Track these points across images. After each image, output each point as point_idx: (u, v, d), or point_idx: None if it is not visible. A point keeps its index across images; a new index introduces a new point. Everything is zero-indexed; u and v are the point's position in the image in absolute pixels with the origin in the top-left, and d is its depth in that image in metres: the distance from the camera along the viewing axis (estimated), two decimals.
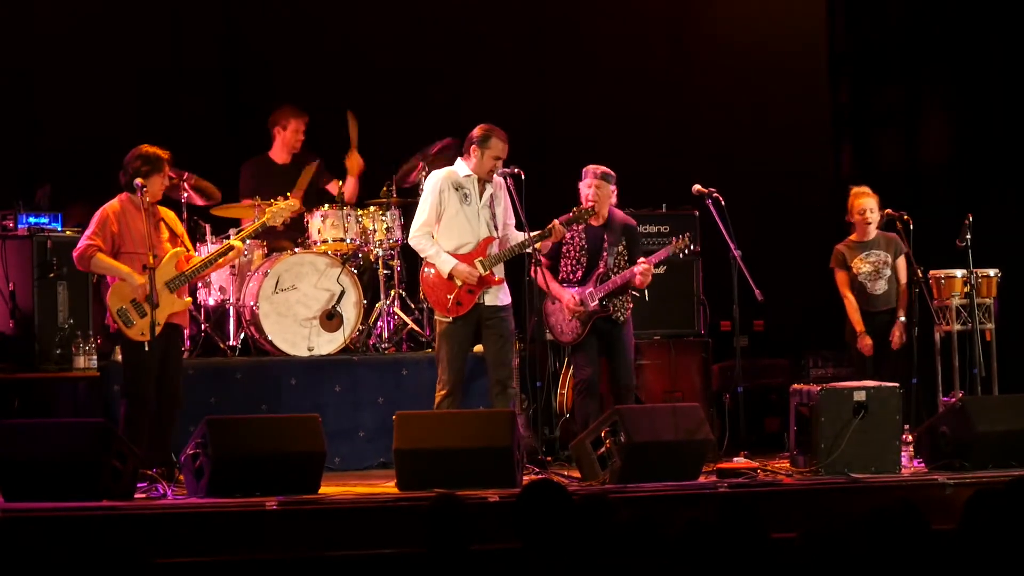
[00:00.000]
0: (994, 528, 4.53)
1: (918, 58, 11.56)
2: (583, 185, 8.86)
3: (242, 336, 9.63)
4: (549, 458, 8.83)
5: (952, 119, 11.49)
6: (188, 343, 9.09)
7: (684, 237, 8.94)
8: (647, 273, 8.76)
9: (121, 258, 8.08)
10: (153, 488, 7.68)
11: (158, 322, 7.96)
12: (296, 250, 9.67)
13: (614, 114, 11.49)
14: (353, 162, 10.14)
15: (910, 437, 8.79)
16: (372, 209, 9.83)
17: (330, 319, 9.49)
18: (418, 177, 9.79)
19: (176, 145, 8.59)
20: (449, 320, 8.47)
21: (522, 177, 8.43)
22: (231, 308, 9.63)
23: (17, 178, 10.16)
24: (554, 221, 8.55)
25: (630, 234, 8.97)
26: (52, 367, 9.08)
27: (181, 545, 6.88)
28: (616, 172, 8.90)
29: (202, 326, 9.48)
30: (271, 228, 9.32)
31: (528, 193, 8.43)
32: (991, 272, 9.53)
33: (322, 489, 7.71)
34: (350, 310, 9.54)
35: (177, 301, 8.17)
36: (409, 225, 8.77)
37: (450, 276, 8.43)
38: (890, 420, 8.42)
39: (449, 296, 8.45)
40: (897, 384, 8.60)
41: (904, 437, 8.66)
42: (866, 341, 9.26)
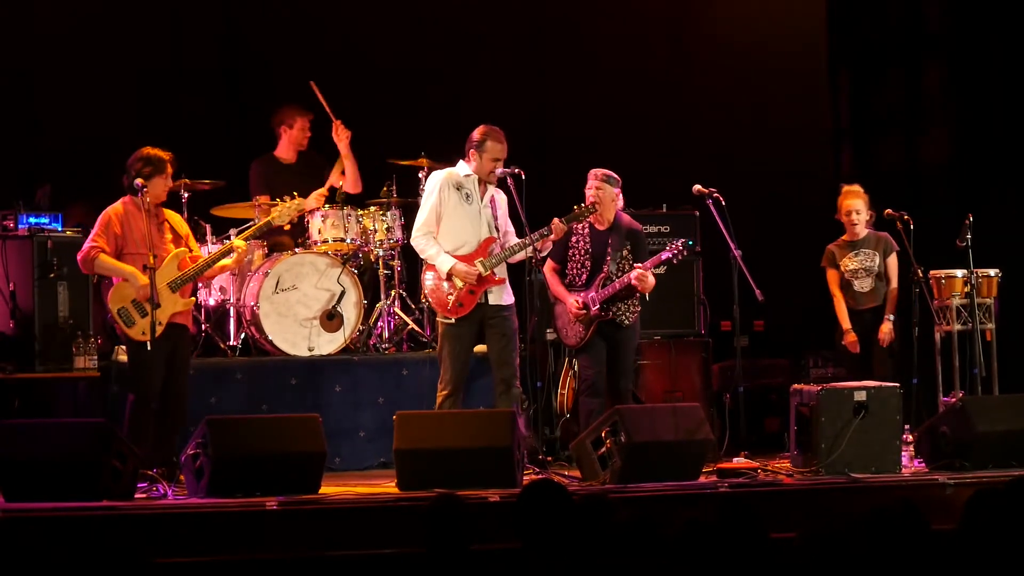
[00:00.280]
0: (994, 528, 4.53)
1: (918, 58, 11.55)
2: (587, 188, 8.83)
3: (242, 336, 9.64)
4: (549, 458, 8.83)
5: (952, 119, 11.48)
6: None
7: (679, 243, 8.82)
8: (643, 278, 8.66)
9: (125, 259, 8.11)
10: (153, 488, 7.69)
11: (159, 322, 7.99)
12: (296, 250, 9.67)
13: (614, 114, 11.49)
14: (340, 132, 9.95)
15: (910, 437, 8.79)
16: (372, 209, 9.83)
17: (330, 319, 9.49)
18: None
19: (176, 145, 8.59)
20: (451, 321, 8.47)
21: (522, 177, 8.43)
22: (231, 308, 9.63)
23: (17, 178, 10.16)
24: (554, 219, 8.54)
25: (635, 238, 8.89)
26: (52, 367, 9.08)
27: (181, 545, 6.88)
28: (616, 172, 8.87)
29: (202, 326, 9.48)
30: (272, 228, 9.32)
31: (528, 193, 8.43)
32: (991, 272, 9.51)
33: (322, 489, 7.71)
34: (350, 310, 9.54)
35: (179, 301, 8.18)
36: (410, 225, 8.78)
37: (449, 275, 8.43)
38: (890, 420, 8.42)
39: (450, 297, 8.44)
40: (897, 384, 8.60)
41: (904, 437, 8.66)
42: (850, 338, 9.25)
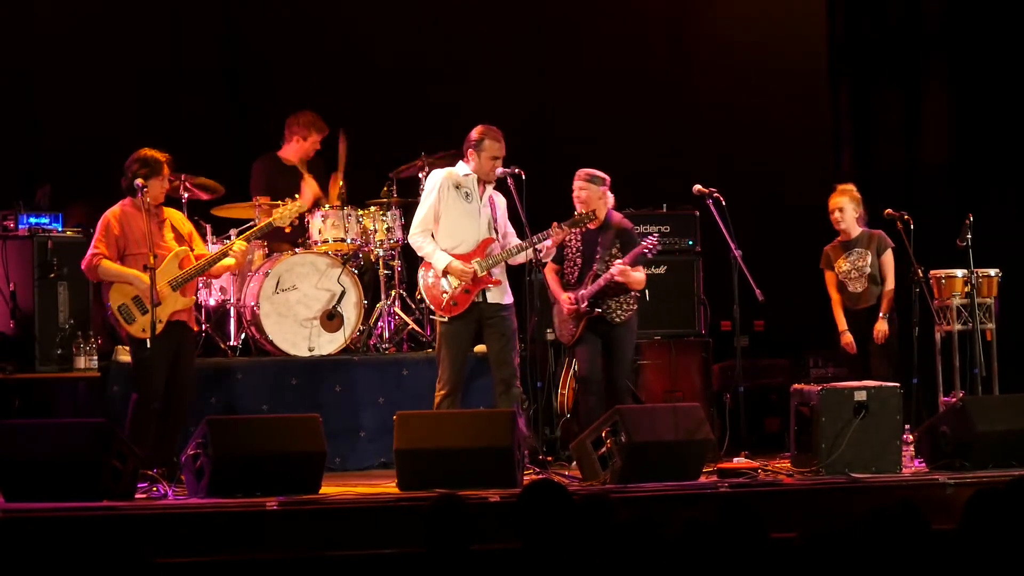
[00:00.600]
0: (994, 528, 4.53)
1: (918, 58, 11.55)
2: (573, 189, 8.84)
3: (243, 336, 9.63)
4: (550, 458, 8.83)
5: (952, 119, 11.47)
6: None
7: (653, 238, 8.81)
8: (624, 274, 8.69)
9: (127, 260, 8.12)
10: (153, 488, 7.69)
11: (160, 319, 8.01)
12: (297, 250, 9.66)
13: (614, 114, 11.48)
14: (334, 187, 9.89)
15: (911, 437, 8.79)
16: (373, 209, 9.82)
17: (331, 319, 9.49)
18: (415, 173, 9.80)
19: (176, 145, 8.60)
20: (446, 320, 8.47)
21: (523, 177, 8.43)
22: (232, 308, 9.63)
23: (17, 178, 10.16)
24: (554, 224, 8.54)
25: (624, 236, 8.88)
26: (52, 367, 9.09)
27: (181, 545, 6.88)
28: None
29: (203, 326, 9.48)
30: (273, 234, 9.31)
31: (528, 193, 8.43)
32: (992, 272, 9.52)
33: (323, 489, 7.71)
34: (351, 310, 9.53)
35: (180, 299, 8.19)
36: (409, 224, 8.77)
37: (445, 274, 8.42)
38: (890, 420, 8.42)
39: (444, 296, 8.44)
40: (898, 384, 8.60)
41: (905, 437, 8.66)
42: (846, 339, 9.25)
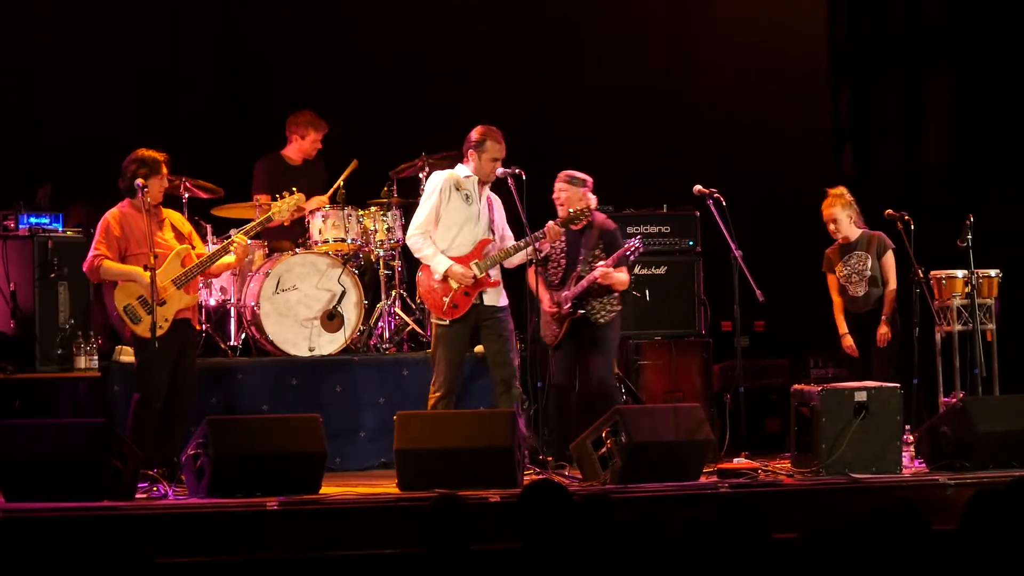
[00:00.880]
0: (995, 528, 4.53)
1: (918, 58, 11.54)
2: (553, 192, 8.84)
3: (243, 336, 9.64)
4: (550, 458, 8.83)
5: (953, 119, 11.47)
6: None
7: (636, 240, 8.79)
8: (607, 276, 8.70)
9: (128, 260, 8.10)
10: (154, 488, 7.68)
11: (166, 318, 8.02)
12: (297, 250, 9.66)
13: (614, 114, 11.48)
14: (318, 203, 9.81)
15: (911, 437, 8.78)
16: (373, 209, 9.82)
17: (331, 319, 9.49)
18: (414, 174, 9.79)
19: (176, 145, 8.59)
20: (446, 323, 8.46)
21: (523, 177, 8.43)
22: (232, 308, 9.63)
23: (18, 178, 10.17)
24: (549, 223, 8.54)
25: (608, 237, 8.88)
26: (53, 367, 9.09)
27: (182, 545, 6.88)
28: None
29: (203, 326, 9.47)
30: (274, 228, 9.31)
31: (528, 193, 8.43)
32: (992, 272, 9.51)
33: (323, 489, 7.71)
34: (351, 310, 9.53)
35: (185, 297, 8.18)
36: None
37: (445, 277, 8.42)
38: (891, 420, 8.42)
39: (445, 299, 8.44)
40: (898, 385, 8.60)
41: (905, 437, 8.65)
42: (847, 342, 9.25)
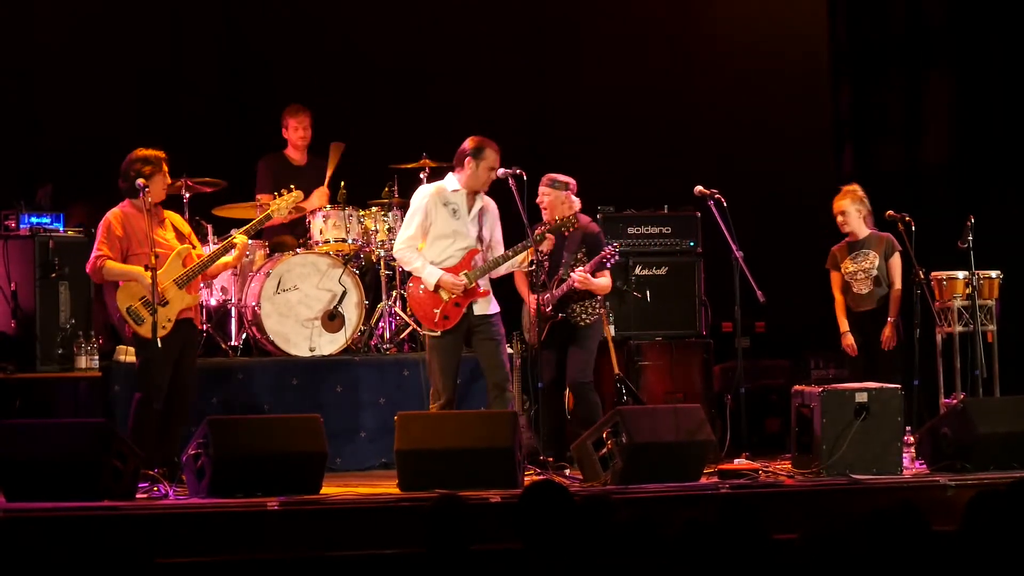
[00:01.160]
0: (995, 530, 4.52)
1: (918, 58, 11.55)
2: (538, 194, 8.85)
3: (244, 336, 9.64)
4: (551, 459, 8.82)
5: (953, 119, 11.48)
6: None
7: (613, 247, 8.78)
8: (585, 282, 8.70)
9: (130, 260, 8.07)
10: (154, 488, 7.68)
11: (169, 318, 8.01)
12: (298, 251, 9.66)
13: (614, 114, 11.49)
14: (319, 199, 9.80)
15: (911, 438, 8.78)
16: (374, 210, 9.83)
17: (332, 319, 9.49)
18: (416, 173, 9.79)
19: (176, 145, 8.59)
20: (437, 334, 8.45)
21: (524, 178, 8.42)
22: (233, 308, 9.63)
23: (18, 178, 10.17)
24: (538, 228, 8.54)
25: (591, 241, 8.87)
26: (54, 367, 9.09)
27: (182, 545, 6.87)
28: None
29: (204, 326, 9.47)
30: (274, 227, 9.31)
31: (529, 194, 8.43)
32: (993, 273, 9.51)
33: (323, 489, 7.70)
34: (352, 311, 9.54)
35: (187, 297, 8.17)
36: None
37: (436, 288, 8.40)
38: (891, 421, 8.42)
39: (436, 310, 8.42)
40: (899, 385, 8.59)
41: (905, 438, 8.65)
42: (847, 341, 9.24)
